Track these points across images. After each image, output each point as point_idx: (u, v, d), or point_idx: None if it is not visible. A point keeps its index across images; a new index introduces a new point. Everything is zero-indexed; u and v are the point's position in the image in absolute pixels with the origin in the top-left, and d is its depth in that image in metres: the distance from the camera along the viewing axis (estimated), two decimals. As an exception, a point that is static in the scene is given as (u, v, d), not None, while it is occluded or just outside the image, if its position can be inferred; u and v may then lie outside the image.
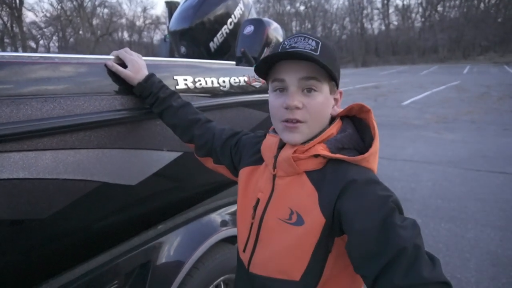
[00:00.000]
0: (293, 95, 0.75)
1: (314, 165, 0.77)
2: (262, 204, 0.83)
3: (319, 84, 0.75)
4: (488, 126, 6.91)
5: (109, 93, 1.02)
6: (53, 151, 0.88)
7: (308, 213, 0.74)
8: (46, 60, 0.90)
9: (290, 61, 0.74)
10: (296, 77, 0.74)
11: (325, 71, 0.74)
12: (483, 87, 13.18)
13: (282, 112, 0.76)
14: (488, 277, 2.28)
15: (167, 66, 1.25)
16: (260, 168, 0.89)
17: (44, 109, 0.85)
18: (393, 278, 0.59)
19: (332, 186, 0.73)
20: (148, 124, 1.13)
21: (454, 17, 42.46)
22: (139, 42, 40.46)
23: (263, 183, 0.85)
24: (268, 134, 0.87)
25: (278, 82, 0.77)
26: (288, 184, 0.79)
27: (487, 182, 3.97)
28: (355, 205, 0.68)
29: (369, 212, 0.66)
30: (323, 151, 0.75)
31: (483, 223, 3.02)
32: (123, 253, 1.13)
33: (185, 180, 1.35)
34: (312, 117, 0.76)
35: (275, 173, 0.81)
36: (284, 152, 0.79)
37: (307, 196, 0.75)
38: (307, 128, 0.76)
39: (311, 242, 0.74)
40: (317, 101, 0.75)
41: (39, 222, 0.89)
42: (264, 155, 0.86)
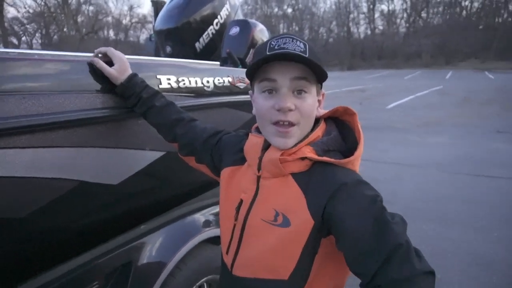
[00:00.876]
0: (285, 97, 0.74)
1: (300, 167, 0.77)
2: (245, 205, 0.82)
3: (309, 85, 0.76)
4: (470, 130, 7.10)
5: (90, 91, 1.00)
6: (32, 149, 0.87)
7: (294, 215, 0.75)
8: (25, 57, 0.88)
9: (281, 61, 0.74)
10: (288, 77, 0.74)
11: (316, 72, 0.75)
12: (465, 92, 13.53)
13: (273, 114, 0.75)
14: (470, 277, 2.34)
15: (150, 65, 1.24)
16: (242, 168, 0.88)
17: (22, 106, 0.84)
18: (391, 273, 0.63)
19: (321, 189, 0.73)
20: (130, 123, 1.12)
21: (437, 24, 43.49)
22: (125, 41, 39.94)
23: (246, 184, 0.84)
24: (250, 134, 0.86)
25: (268, 82, 0.75)
26: (273, 186, 0.79)
27: (470, 185, 4.07)
28: (348, 207, 0.70)
29: (362, 212, 0.69)
30: (310, 154, 0.76)
31: (466, 224, 3.09)
32: (104, 253, 1.12)
33: (167, 180, 1.34)
34: (303, 119, 0.76)
35: (260, 174, 0.81)
36: (270, 154, 0.78)
37: (293, 198, 0.76)
38: (298, 131, 0.76)
39: (299, 243, 0.74)
40: (308, 103, 0.76)
41: (16, 221, 0.87)
42: (247, 155, 0.85)
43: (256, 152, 0.81)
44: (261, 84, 0.77)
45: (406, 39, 42.85)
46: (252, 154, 0.82)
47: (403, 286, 0.62)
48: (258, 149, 0.81)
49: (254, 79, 0.80)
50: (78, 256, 1.05)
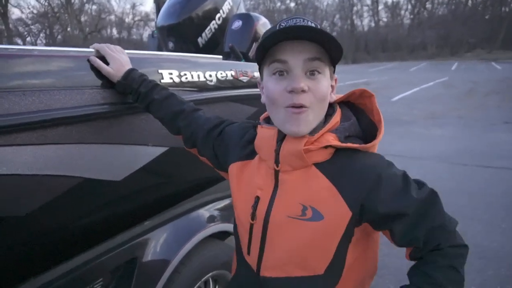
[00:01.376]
0: (299, 77, 0.69)
1: (324, 156, 0.74)
2: (263, 203, 0.77)
3: (323, 66, 0.71)
4: (475, 122, 7.01)
5: (91, 86, 1.00)
6: (33, 147, 0.86)
7: (327, 207, 0.72)
8: (24, 53, 0.88)
9: (292, 41, 0.69)
10: (301, 58, 0.69)
11: (330, 52, 0.70)
12: (471, 84, 13.36)
13: (286, 97, 0.70)
14: (474, 269, 2.31)
15: (152, 59, 1.23)
16: (252, 163, 0.83)
17: (23, 103, 0.83)
18: (439, 240, 0.74)
19: (355, 179, 0.72)
20: (132, 118, 1.11)
21: (442, 14, 42.96)
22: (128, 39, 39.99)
23: (260, 180, 0.79)
24: (260, 127, 0.80)
25: (279, 63, 0.70)
26: (296, 179, 0.75)
27: (474, 177, 4.03)
28: (388, 193, 0.72)
29: (401, 192, 0.73)
30: (334, 141, 0.73)
31: (470, 216, 3.06)
32: (108, 250, 1.11)
33: (171, 176, 1.33)
34: (317, 102, 0.71)
35: (278, 168, 0.75)
36: (290, 145, 0.73)
37: (322, 189, 0.72)
38: (312, 114, 0.71)
39: (336, 236, 0.73)
40: (322, 84, 0.71)
41: (19, 219, 0.87)
42: (260, 150, 0.80)
43: (271, 145, 0.76)
44: (271, 66, 0.72)
45: (411, 30, 42.42)
46: (266, 148, 0.77)
47: (449, 251, 0.74)
48: (273, 141, 0.76)
49: (263, 63, 0.75)
50: (83, 253, 1.05)
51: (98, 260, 1.07)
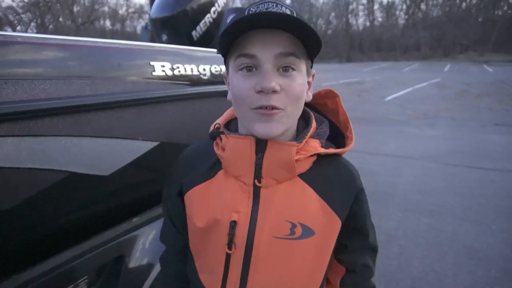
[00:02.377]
0: (269, 75, 0.58)
1: (308, 165, 0.66)
2: (243, 227, 0.65)
3: (298, 62, 0.60)
4: (467, 123, 7.07)
5: (79, 77, 0.95)
6: (15, 138, 0.82)
7: (316, 220, 0.65)
8: (5, 39, 0.83)
9: (263, 30, 0.57)
10: (273, 52, 0.58)
11: (307, 45, 0.60)
12: (463, 85, 13.49)
13: (253, 97, 0.59)
14: (465, 270, 2.32)
15: (143, 51, 1.18)
16: (214, 182, 0.69)
17: (4, 92, 0.79)
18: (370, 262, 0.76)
19: (341, 187, 0.68)
20: (122, 111, 1.07)
21: (436, 16, 43.28)
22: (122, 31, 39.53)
23: (233, 201, 0.66)
24: (226, 136, 0.66)
25: (247, 58, 0.59)
26: (280, 194, 0.65)
27: (466, 177, 4.06)
28: (365, 208, 0.72)
29: (368, 212, 0.74)
30: (320, 148, 0.66)
31: (461, 217, 3.08)
32: (94, 247, 1.07)
33: (161, 171, 1.29)
34: (291, 104, 0.60)
35: (261, 184, 0.64)
36: (277, 155, 0.63)
37: (310, 202, 0.66)
38: (285, 117, 0.60)
39: (328, 249, 0.69)
40: (297, 83, 0.60)
41: (6, 213, 0.83)
42: (230, 164, 0.66)
43: (248, 157, 0.64)
44: (237, 61, 0.60)
45: (405, 31, 42.67)
46: (242, 161, 0.64)
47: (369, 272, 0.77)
48: (250, 153, 0.64)
49: (228, 56, 0.63)
50: (68, 249, 1.01)
51: (83, 257, 1.03)
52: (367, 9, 48.40)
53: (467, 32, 35.30)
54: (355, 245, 0.73)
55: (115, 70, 1.04)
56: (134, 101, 1.04)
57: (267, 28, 0.57)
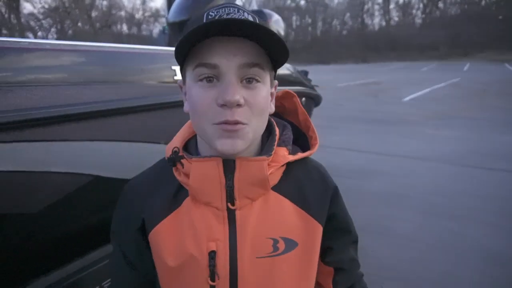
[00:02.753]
0: (233, 87, 0.53)
1: (279, 175, 0.64)
2: (224, 255, 0.60)
3: (263, 73, 0.56)
4: (487, 124, 6.89)
5: (103, 82, 0.98)
6: (44, 143, 0.85)
7: (297, 230, 0.63)
8: (36, 46, 0.86)
9: (223, 39, 0.53)
10: (236, 63, 0.53)
11: (273, 55, 0.57)
12: (483, 85, 13.16)
13: (215, 111, 0.54)
14: (486, 275, 2.27)
15: (164, 55, 1.21)
16: (181, 211, 0.62)
17: (34, 98, 0.82)
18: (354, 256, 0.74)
19: (316, 192, 0.66)
20: (145, 115, 1.09)
21: (454, 14, 42.38)
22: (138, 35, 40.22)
23: (208, 229, 0.60)
24: (187, 160, 0.60)
25: (207, 68, 0.54)
26: (258, 212, 0.61)
27: (485, 180, 3.96)
28: (341, 206, 0.71)
29: (345, 208, 0.73)
30: (289, 156, 0.63)
31: (481, 220, 3.00)
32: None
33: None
34: (255, 117, 0.56)
35: (235, 206, 0.60)
36: (248, 174, 0.59)
37: (287, 213, 0.63)
38: (250, 132, 0.56)
39: (314, 257, 0.67)
40: (261, 96, 0.56)
41: (30, 216, 0.86)
42: (199, 191, 0.60)
43: (217, 181, 0.59)
44: (196, 71, 0.55)
45: (422, 30, 41.93)
46: (211, 185, 0.59)
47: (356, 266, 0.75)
48: (219, 176, 0.58)
49: (186, 64, 0.58)
50: (93, 251, 1.04)
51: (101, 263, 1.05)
52: (382, 8, 47.83)
53: (487, 31, 34.42)
54: (340, 245, 0.72)
55: (138, 74, 1.06)
56: (157, 105, 1.07)
57: (230, 36, 0.53)
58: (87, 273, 1.02)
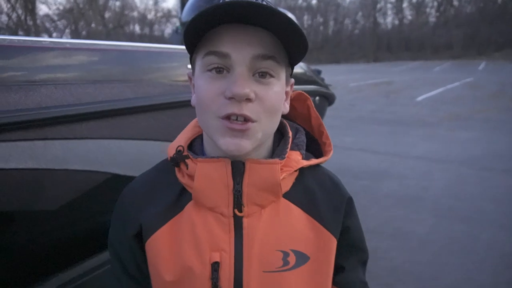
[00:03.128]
0: (243, 80, 0.48)
1: (291, 181, 0.59)
2: (228, 267, 0.54)
3: (278, 68, 0.52)
4: (503, 125, 6.75)
5: (121, 81, 0.99)
6: (62, 141, 0.86)
7: (309, 243, 0.58)
8: (56, 46, 0.88)
9: (237, 27, 0.48)
10: (249, 53, 0.48)
11: (290, 48, 0.52)
12: (499, 85, 12.88)
13: (222, 103, 0.49)
14: (504, 280, 2.21)
15: (180, 54, 1.21)
16: (183, 217, 0.57)
17: (54, 96, 0.83)
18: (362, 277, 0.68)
19: (330, 202, 0.61)
20: (161, 114, 1.10)
21: (469, 12, 41.62)
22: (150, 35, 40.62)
23: (211, 238, 0.55)
24: (192, 160, 0.55)
25: (217, 57, 0.49)
26: (268, 220, 0.56)
27: (502, 182, 3.87)
28: (356, 219, 0.66)
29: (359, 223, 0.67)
30: (302, 161, 0.59)
31: (498, 224, 2.94)
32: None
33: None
34: (266, 116, 0.51)
35: (242, 213, 0.54)
36: (259, 177, 0.54)
37: (299, 223, 0.58)
38: (259, 131, 0.51)
39: (328, 273, 0.61)
40: (274, 92, 0.51)
41: (47, 213, 0.87)
42: (203, 194, 0.54)
43: (224, 184, 0.53)
44: (206, 59, 0.50)
45: (436, 29, 41.29)
46: (217, 189, 0.54)
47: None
48: (226, 178, 0.53)
49: (195, 52, 0.54)
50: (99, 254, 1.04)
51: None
52: (395, 7, 47.27)
53: (502, 30, 33.70)
54: (352, 264, 0.66)
55: (155, 72, 1.07)
56: (173, 104, 1.07)
57: (243, 23, 0.48)
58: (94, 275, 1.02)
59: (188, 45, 0.53)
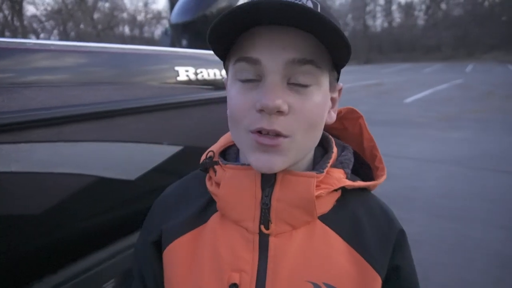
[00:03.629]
0: (275, 90, 0.43)
1: (331, 203, 0.51)
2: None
3: (318, 73, 0.45)
4: (492, 125, 6.85)
5: (108, 83, 0.97)
6: (48, 144, 0.84)
7: (347, 278, 0.48)
8: (41, 47, 0.86)
9: (270, 28, 0.43)
10: (283, 59, 0.43)
11: (333, 49, 0.45)
12: (487, 86, 13.10)
13: (253, 117, 0.44)
14: (494, 278, 2.24)
15: (168, 56, 1.20)
16: (206, 229, 0.52)
17: (39, 98, 0.81)
18: None
19: (375, 231, 0.52)
20: (148, 116, 1.09)
21: (458, 15, 42.27)
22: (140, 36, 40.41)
23: (233, 255, 0.49)
24: (221, 166, 0.51)
25: (248, 64, 0.44)
26: (298, 244, 0.48)
27: (492, 182, 3.92)
28: (407, 256, 0.55)
29: (411, 260, 0.56)
30: (345, 180, 0.51)
31: (488, 223, 2.97)
32: (121, 250, 1.09)
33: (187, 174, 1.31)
34: (303, 130, 0.45)
35: (269, 231, 0.48)
36: (291, 191, 0.47)
37: (336, 252, 0.49)
38: (293, 149, 0.45)
39: None
40: (313, 103, 0.45)
41: (33, 217, 0.85)
42: (228, 204, 0.49)
43: (251, 195, 0.48)
44: (237, 65, 0.46)
45: (425, 31, 41.86)
46: (244, 199, 0.48)
47: None
48: (254, 188, 0.48)
49: (228, 58, 0.49)
50: (95, 253, 1.03)
51: (111, 260, 1.05)
52: (385, 10, 47.81)
53: (490, 32, 34.31)
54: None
55: (142, 75, 1.05)
56: (160, 106, 1.06)
57: (277, 24, 0.42)
58: (89, 274, 1.01)
59: (218, 51, 0.48)
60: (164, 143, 1.15)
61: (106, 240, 1.07)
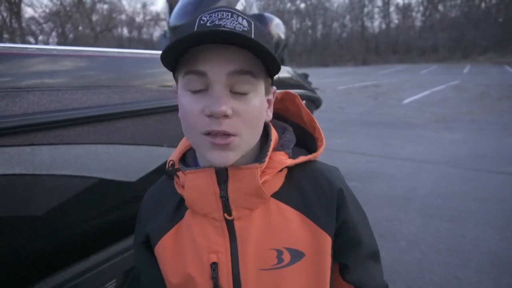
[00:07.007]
0: (220, 98, 0.51)
1: (280, 182, 0.60)
2: (226, 267, 0.59)
3: (255, 82, 0.54)
4: (488, 126, 6.90)
5: (108, 86, 0.99)
6: (49, 146, 0.86)
7: (303, 240, 0.59)
8: (43, 52, 0.88)
9: (214, 46, 0.51)
10: (225, 71, 0.51)
11: (266, 62, 0.54)
12: (483, 87, 13.17)
13: (203, 121, 0.52)
14: (489, 277, 2.26)
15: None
16: (183, 224, 0.62)
17: (41, 102, 0.83)
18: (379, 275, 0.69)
19: (320, 198, 0.61)
20: (147, 119, 1.11)
21: (454, 17, 42.48)
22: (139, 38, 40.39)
23: (208, 241, 0.59)
24: (182, 172, 0.59)
25: (195, 76, 0.52)
26: (258, 221, 0.59)
27: (488, 182, 3.96)
28: (352, 211, 0.63)
29: (360, 213, 0.67)
30: (288, 160, 0.59)
31: (483, 223, 3.00)
32: (122, 251, 1.11)
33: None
34: (246, 129, 0.54)
35: (232, 217, 0.58)
36: (240, 184, 0.56)
37: (291, 221, 0.59)
38: (241, 143, 0.54)
39: (324, 270, 0.61)
40: (253, 106, 0.54)
41: (36, 219, 0.87)
42: (195, 203, 0.59)
43: (212, 192, 0.57)
44: (186, 78, 0.53)
45: (422, 32, 42.03)
46: (206, 196, 0.57)
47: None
48: (213, 186, 0.57)
49: (177, 70, 0.56)
50: (97, 253, 1.05)
51: (111, 261, 1.07)
52: (382, 11, 47.97)
53: (487, 33, 34.50)
54: (356, 261, 0.65)
55: (141, 78, 1.07)
56: (160, 109, 1.08)
57: (223, 43, 0.50)
58: (90, 275, 1.02)
59: (166, 63, 0.55)
60: (163, 145, 1.17)
61: (107, 240, 1.09)
